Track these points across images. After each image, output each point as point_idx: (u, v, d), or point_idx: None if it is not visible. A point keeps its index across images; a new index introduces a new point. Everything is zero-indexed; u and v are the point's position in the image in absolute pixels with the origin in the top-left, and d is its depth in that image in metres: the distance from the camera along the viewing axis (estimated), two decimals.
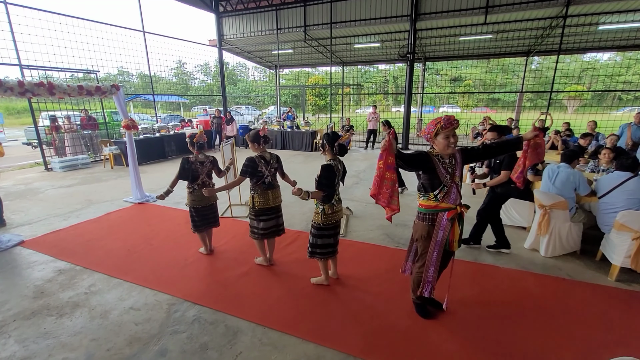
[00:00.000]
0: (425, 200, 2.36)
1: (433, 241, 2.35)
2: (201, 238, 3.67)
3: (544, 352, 2.27)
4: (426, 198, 2.35)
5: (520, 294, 2.96)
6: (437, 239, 2.34)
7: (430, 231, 2.36)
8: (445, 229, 2.31)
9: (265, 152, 3.18)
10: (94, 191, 6.36)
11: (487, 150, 2.40)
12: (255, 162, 3.05)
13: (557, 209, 3.53)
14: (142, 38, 10.24)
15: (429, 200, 2.33)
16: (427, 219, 2.36)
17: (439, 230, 2.32)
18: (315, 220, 2.86)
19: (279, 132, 11.70)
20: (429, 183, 2.31)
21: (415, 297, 2.65)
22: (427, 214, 2.36)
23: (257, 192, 3.14)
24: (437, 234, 2.33)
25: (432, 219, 2.34)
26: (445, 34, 11.86)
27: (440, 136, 2.23)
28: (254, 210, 3.18)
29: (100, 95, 5.02)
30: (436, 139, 2.27)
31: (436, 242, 2.35)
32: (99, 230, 4.42)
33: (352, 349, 2.29)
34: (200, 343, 2.36)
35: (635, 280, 3.19)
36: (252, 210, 3.19)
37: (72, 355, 2.25)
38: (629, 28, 10.66)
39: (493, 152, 2.43)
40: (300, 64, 18.51)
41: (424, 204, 2.36)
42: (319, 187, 2.68)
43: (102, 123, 10.45)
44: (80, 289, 3.04)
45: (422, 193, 2.38)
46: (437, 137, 2.25)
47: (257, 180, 3.11)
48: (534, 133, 2.40)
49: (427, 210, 2.35)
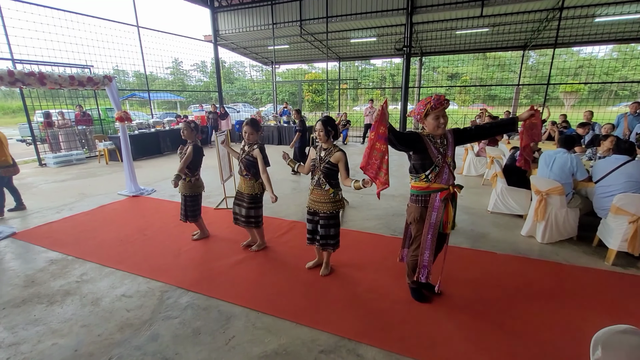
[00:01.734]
0: (416, 181, 2.33)
1: (427, 223, 2.32)
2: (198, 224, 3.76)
3: (538, 331, 2.25)
4: (417, 179, 2.32)
5: (516, 279, 2.94)
6: (430, 221, 2.30)
7: (423, 213, 2.33)
8: (438, 210, 2.27)
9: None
10: (88, 185, 6.30)
11: (480, 130, 2.36)
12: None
13: (554, 195, 3.51)
14: (136, 33, 10.15)
15: (420, 182, 2.29)
16: (420, 200, 2.33)
17: (432, 212, 2.28)
18: (338, 209, 2.77)
19: (275, 127, 11.65)
20: (420, 164, 2.28)
21: (411, 281, 2.63)
22: (419, 196, 2.33)
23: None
24: (431, 215, 2.29)
25: (425, 201, 2.31)
26: (442, 28, 11.82)
27: (430, 117, 2.20)
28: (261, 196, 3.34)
29: (92, 87, 4.95)
30: (426, 119, 2.23)
31: (430, 224, 2.31)
32: (92, 222, 4.36)
33: (347, 332, 2.26)
34: (193, 328, 2.32)
35: (631, 264, 3.18)
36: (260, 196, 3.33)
37: (61, 341, 2.20)
38: (625, 20, 10.66)
39: (486, 132, 2.38)
40: (296, 60, 18.42)
41: (416, 185, 2.33)
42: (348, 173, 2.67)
43: (97, 119, 10.37)
44: (72, 278, 2.99)
45: (414, 175, 2.35)
46: (427, 118, 2.22)
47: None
48: (530, 113, 2.36)
49: (420, 192, 2.32)
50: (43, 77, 4.34)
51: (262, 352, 2.09)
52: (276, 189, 5.76)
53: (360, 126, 13.04)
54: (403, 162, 8.29)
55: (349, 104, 26.53)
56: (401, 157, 9.15)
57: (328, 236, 2.79)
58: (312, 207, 2.77)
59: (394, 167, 7.70)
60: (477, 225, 4.18)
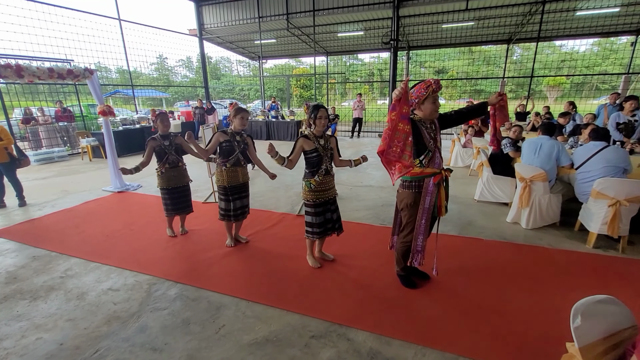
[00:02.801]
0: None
1: (420, 208, 2.33)
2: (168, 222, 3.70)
3: (523, 311, 2.31)
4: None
5: (502, 263, 3.01)
6: (424, 206, 2.32)
7: (417, 198, 2.34)
8: (432, 194, 2.30)
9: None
10: (71, 182, 6.13)
11: (459, 115, 2.47)
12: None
13: (538, 181, 3.60)
14: (118, 27, 9.86)
15: (415, 167, 2.31)
16: (414, 186, 2.34)
17: (426, 196, 2.30)
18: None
19: (263, 122, 11.55)
20: (415, 150, 2.29)
21: (400, 268, 2.65)
22: (413, 182, 2.34)
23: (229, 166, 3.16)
24: (424, 200, 2.31)
25: (419, 186, 2.32)
26: (428, 21, 11.88)
27: (429, 100, 2.21)
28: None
29: (72, 79, 4.80)
30: (424, 104, 2.23)
31: (424, 209, 2.32)
32: (76, 218, 4.26)
33: (337, 318, 2.27)
34: (182, 318, 2.30)
35: (611, 246, 3.29)
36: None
37: (46, 336, 2.15)
38: (605, 14, 10.93)
39: (465, 116, 2.50)
40: (284, 54, 18.27)
41: (410, 171, 2.34)
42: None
43: (79, 116, 10.08)
44: (56, 274, 2.92)
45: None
46: (425, 102, 2.22)
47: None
48: (499, 97, 2.43)
49: (413, 178, 2.33)
50: (20, 70, 4.19)
51: (253, 340, 2.08)
52: (262, 182, 5.74)
53: (349, 121, 13.04)
54: None
55: (338, 99, 26.54)
56: None
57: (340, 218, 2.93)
58: (328, 196, 2.76)
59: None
60: (465, 213, 4.25)
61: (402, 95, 1.99)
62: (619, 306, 1.23)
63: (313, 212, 2.74)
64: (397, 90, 2.00)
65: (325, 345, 2.03)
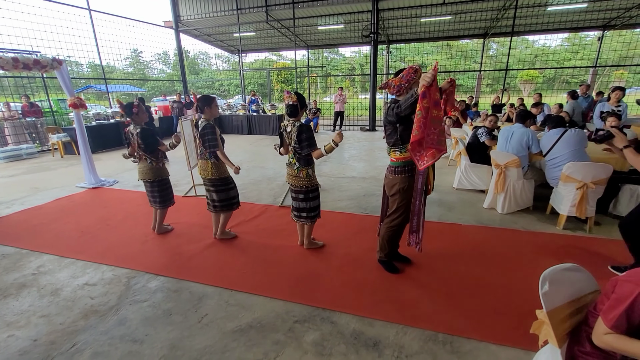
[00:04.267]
0: (402, 152, 2.35)
1: (415, 190, 2.38)
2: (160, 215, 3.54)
3: (498, 288, 2.42)
4: (403, 150, 2.34)
5: (479, 246, 3.12)
6: (417, 187, 2.36)
7: (410, 182, 2.39)
8: (424, 175, 2.34)
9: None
10: (42, 179, 5.86)
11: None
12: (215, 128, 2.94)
13: (512, 167, 3.74)
14: (88, 17, 9.41)
15: (407, 152, 2.33)
16: (406, 170, 2.38)
17: (419, 178, 2.34)
18: (310, 184, 2.82)
19: (244, 116, 11.38)
20: (406, 134, 2.28)
21: (384, 254, 2.70)
22: (406, 166, 2.38)
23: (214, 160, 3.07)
24: (417, 182, 2.35)
25: (412, 169, 2.37)
26: (407, 15, 12.01)
27: (416, 84, 2.21)
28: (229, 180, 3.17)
29: (39, 70, 4.56)
30: (412, 88, 2.23)
31: (417, 190, 2.37)
32: (48, 215, 4.08)
33: (321, 302, 2.30)
34: (164, 309, 2.26)
35: (578, 227, 3.47)
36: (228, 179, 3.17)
37: (18, 333, 2.06)
38: (574, 10, 11.39)
39: None
40: (264, 47, 18.02)
41: (402, 156, 2.36)
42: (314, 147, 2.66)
43: (48, 111, 9.59)
44: (27, 271, 2.79)
45: (399, 146, 2.36)
46: (413, 86, 2.22)
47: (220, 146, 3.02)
48: (449, 83, 2.51)
49: (406, 162, 2.36)
50: None
51: (237, 327, 2.08)
52: (244, 175, 5.68)
53: (330, 115, 13.05)
54: (373, 147, 8.44)
55: (319, 94, 26.49)
56: (371, 142, 9.32)
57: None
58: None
59: (363, 152, 7.82)
60: (444, 201, 4.36)
61: (434, 79, 1.96)
62: (583, 273, 1.31)
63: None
64: (427, 76, 1.93)
65: (309, 329, 2.05)
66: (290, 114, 2.65)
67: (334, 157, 7.20)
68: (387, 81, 2.29)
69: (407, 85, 2.24)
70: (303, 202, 2.86)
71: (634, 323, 0.99)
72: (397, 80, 2.25)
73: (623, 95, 5.49)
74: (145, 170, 3.25)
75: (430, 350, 1.88)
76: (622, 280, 1.05)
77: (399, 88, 2.26)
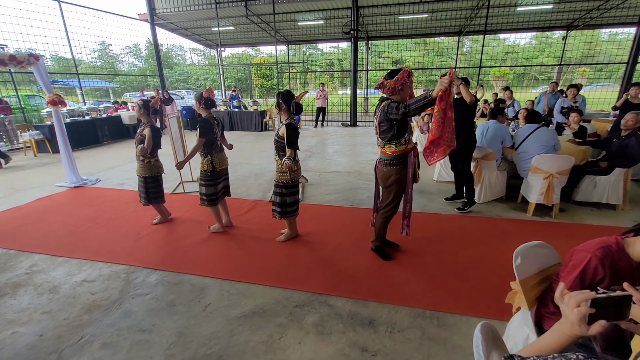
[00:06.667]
0: (397, 146, 2.53)
1: (407, 180, 2.60)
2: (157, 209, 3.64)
3: (476, 269, 2.68)
4: (398, 144, 2.52)
5: (458, 232, 3.39)
6: (409, 177, 2.59)
7: (402, 172, 2.59)
8: (413, 165, 2.57)
9: (211, 114, 3.14)
10: (17, 179, 5.65)
11: None
12: (210, 123, 3.00)
13: (486, 160, 4.04)
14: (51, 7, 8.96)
15: (401, 145, 2.52)
16: (400, 162, 2.57)
17: (409, 168, 2.57)
18: (283, 180, 2.92)
19: (225, 112, 11.30)
20: (401, 129, 2.48)
21: (380, 242, 2.90)
22: (399, 158, 2.56)
23: (213, 154, 3.11)
24: (408, 172, 2.58)
25: (404, 161, 2.57)
26: (386, 12, 12.27)
27: (407, 86, 2.42)
28: (213, 174, 3.14)
29: (16, 66, 4.40)
30: (403, 89, 2.42)
31: (408, 179, 2.60)
32: (31, 215, 3.99)
33: (318, 288, 2.46)
34: (167, 301, 2.35)
35: (546, 214, 3.82)
36: (211, 174, 3.15)
37: (22, 329, 2.10)
38: (541, 10, 12.05)
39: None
40: (243, 42, 17.79)
41: (398, 149, 2.53)
42: (290, 146, 2.75)
43: (17, 108, 9.13)
44: (20, 270, 2.78)
45: (395, 140, 2.52)
46: (404, 88, 2.41)
47: (212, 142, 3.07)
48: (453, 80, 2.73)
49: (400, 155, 2.55)
50: None
51: (240, 313, 2.21)
52: (231, 172, 5.73)
53: (312, 111, 13.16)
54: (355, 142, 8.66)
55: (299, 89, 26.46)
56: (353, 137, 9.53)
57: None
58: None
59: (346, 147, 8.02)
60: (425, 192, 4.63)
61: (450, 86, 2.13)
62: (548, 249, 1.54)
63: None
64: (445, 81, 2.07)
65: (309, 312, 2.21)
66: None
67: (319, 153, 7.36)
68: (383, 82, 2.42)
69: (400, 88, 2.42)
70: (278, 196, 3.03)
71: (586, 284, 1.22)
72: (392, 82, 2.39)
73: (578, 91, 6.05)
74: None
75: (419, 325, 2.09)
76: (577, 250, 1.28)
77: (393, 89, 2.42)
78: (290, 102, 2.80)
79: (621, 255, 1.30)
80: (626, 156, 3.69)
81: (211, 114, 3.14)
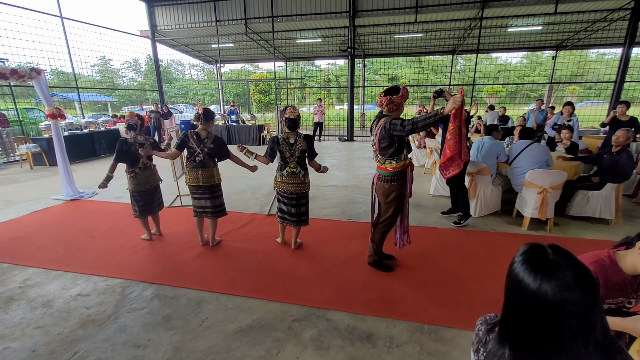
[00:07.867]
0: (398, 162, 2.56)
1: (406, 194, 2.66)
2: (142, 223, 3.54)
3: (472, 282, 2.68)
4: (399, 160, 2.56)
5: (455, 246, 3.41)
6: (407, 191, 2.65)
7: (402, 188, 2.63)
8: (410, 180, 2.64)
9: (203, 131, 3.11)
10: (13, 192, 5.61)
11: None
12: (187, 137, 3.06)
13: (482, 175, 4.10)
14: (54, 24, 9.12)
15: (401, 161, 2.57)
16: (400, 178, 2.61)
17: (407, 183, 2.63)
18: (309, 187, 3.21)
19: (224, 126, 11.39)
20: (402, 145, 2.54)
21: (378, 256, 2.91)
22: (400, 174, 2.61)
23: (188, 168, 3.15)
24: (407, 187, 2.64)
25: (404, 177, 2.62)
26: (382, 32, 12.63)
27: (403, 104, 2.52)
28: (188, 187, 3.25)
29: (17, 80, 4.46)
30: (400, 107, 2.51)
31: (406, 194, 2.66)
32: (26, 228, 3.95)
33: (316, 302, 2.45)
34: (163, 315, 2.32)
35: (541, 227, 3.86)
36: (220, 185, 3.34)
37: (14, 344, 2.05)
38: (531, 31, 12.49)
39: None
40: (242, 59, 18.14)
41: (399, 165, 2.57)
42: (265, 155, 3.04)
43: (15, 120, 9.15)
44: (13, 284, 2.74)
45: (396, 157, 2.55)
46: (401, 105, 2.51)
47: (189, 156, 3.12)
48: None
49: (400, 170, 2.59)
50: None
51: (238, 328, 2.18)
52: (228, 185, 5.74)
53: (310, 125, 13.30)
54: (352, 157, 8.74)
55: (297, 105, 26.82)
56: (350, 152, 9.63)
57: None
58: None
59: (343, 162, 8.09)
60: (422, 207, 4.66)
61: (462, 104, 2.25)
62: None
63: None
64: (457, 99, 2.20)
65: (307, 326, 2.20)
66: (292, 127, 2.92)
67: None
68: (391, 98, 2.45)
69: (395, 108, 2.49)
70: (304, 206, 3.17)
71: None
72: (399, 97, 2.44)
73: (573, 109, 6.21)
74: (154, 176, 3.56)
75: (417, 339, 2.08)
76: None
77: (399, 105, 2.49)
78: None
79: (614, 268, 1.34)
80: (617, 172, 3.77)
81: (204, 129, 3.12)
